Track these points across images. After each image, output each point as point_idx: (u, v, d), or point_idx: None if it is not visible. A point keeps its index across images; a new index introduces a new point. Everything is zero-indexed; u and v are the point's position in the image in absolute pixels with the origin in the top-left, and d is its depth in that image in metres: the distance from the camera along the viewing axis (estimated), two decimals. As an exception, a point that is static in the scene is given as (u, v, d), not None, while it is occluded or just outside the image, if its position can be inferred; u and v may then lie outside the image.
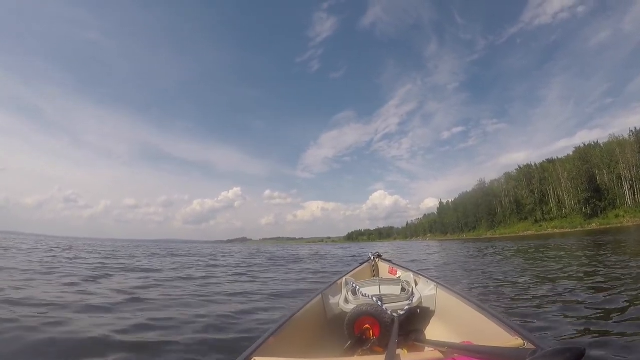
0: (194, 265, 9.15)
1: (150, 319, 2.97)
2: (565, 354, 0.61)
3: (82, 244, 25.14)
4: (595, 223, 53.36)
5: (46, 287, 4.39)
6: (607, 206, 55.77)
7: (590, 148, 61.48)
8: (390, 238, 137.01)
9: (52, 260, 8.57)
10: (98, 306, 3.38)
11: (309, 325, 1.80)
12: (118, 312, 3.21)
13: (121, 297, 3.91)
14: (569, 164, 62.26)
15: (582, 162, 58.60)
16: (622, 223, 48.22)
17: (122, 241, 76.99)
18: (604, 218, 53.99)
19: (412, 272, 2.50)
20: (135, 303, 3.64)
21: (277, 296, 4.33)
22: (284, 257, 13.67)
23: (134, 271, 7.07)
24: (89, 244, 29.05)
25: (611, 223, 49.87)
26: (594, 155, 59.18)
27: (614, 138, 57.91)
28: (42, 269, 6.48)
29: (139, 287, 4.84)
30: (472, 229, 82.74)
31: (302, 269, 8.26)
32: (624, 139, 56.29)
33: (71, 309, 3.20)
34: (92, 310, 3.24)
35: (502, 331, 1.30)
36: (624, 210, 52.68)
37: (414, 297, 1.97)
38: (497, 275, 5.74)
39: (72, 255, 10.97)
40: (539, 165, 72.99)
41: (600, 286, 4.00)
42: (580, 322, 2.60)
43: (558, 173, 64.08)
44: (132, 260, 10.10)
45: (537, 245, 15.13)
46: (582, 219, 57.06)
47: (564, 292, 3.83)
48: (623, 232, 23.44)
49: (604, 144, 60.23)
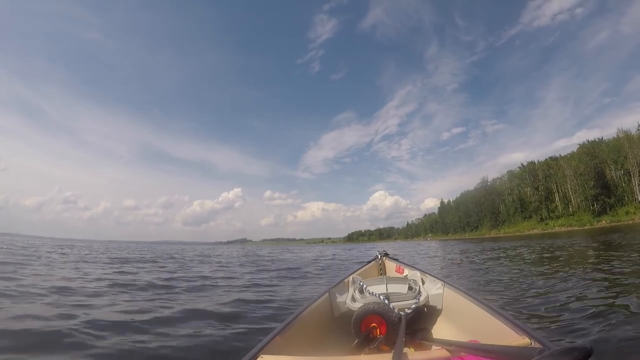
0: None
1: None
2: (572, 353, 0.61)
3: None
4: (604, 220, 51.62)
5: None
6: (615, 203, 53.90)
7: (596, 144, 59.75)
8: (390, 238, 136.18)
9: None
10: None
11: (316, 323, 1.80)
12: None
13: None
14: (574, 160, 60.67)
15: (590, 157, 56.85)
16: (633, 220, 46.39)
17: (117, 243, 75.22)
18: (613, 215, 52.25)
19: (419, 270, 2.53)
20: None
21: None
22: (270, 267, 9.48)
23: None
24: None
25: (622, 220, 48.14)
26: (601, 151, 57.60)
27: (622, 133, 55.90)
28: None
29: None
30: (475, 229, 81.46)
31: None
32: (631, 134, 54.63)
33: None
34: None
35: (509, 330, 1.30)
36: (634, 206, 50.81)
37: (421, 295, 1.96)
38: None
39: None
40: (541, 162, 71.55)
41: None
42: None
43: (563, 170, 62.35)
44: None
45: (558, 246, 13.62)
46: (590, 216, 55.32)
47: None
48: (636, 230, 22.33)
49: (611, 140, 58.73)
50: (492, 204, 77.39)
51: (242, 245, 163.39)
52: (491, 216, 76.73)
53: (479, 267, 7.57)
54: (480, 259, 9.83)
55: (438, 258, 12.38)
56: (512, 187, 75.12)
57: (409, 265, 2.76)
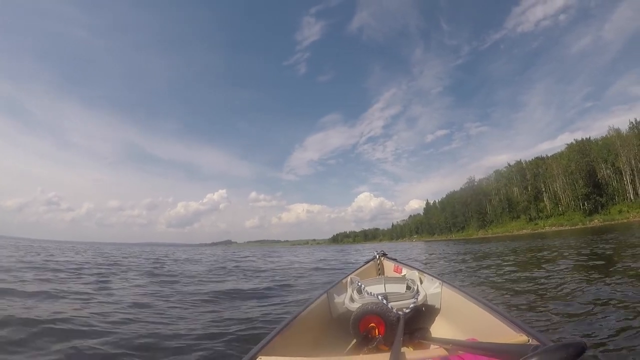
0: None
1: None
2: (567, 349, 0.64)
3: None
4: (597, 219, 50.23)
5: None
6: (607, 201, 52.31)
7: (587, 142, 58.43)
8: (375, 240, 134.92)
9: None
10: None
11: (315, 324, 1.79)
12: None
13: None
14: (564, 159, 59.29)
15: (581, 155, 55.19)
16: (628, 219, 44.76)
17: (99, 244, 68.60)
18: (605, 214, 51.00)
19: (417, 270, 2.50)
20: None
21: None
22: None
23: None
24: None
25: (615, 219, 46.67)
26: (592, 149, 56.52)
27: (614, 131, 54.54)
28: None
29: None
30: (461, 229, 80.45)
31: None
32: (620, 133, 53.56)
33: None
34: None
35: (506, 328, 1.31)
36: (627, 205, 49.33)
37: (419, 295, 1.96)
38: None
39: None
40: (528, 162, 70.67)
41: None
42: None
43: (552, 169, 60.74)
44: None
45: (549, 246, 12.13)
46: (581, 215, 53.99)
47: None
48: (631, 229, 21.10)
49: (601, 138, 58.12)
50: (479, 204, 76.52)
51: (226, 247, 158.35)
52: (478, 216, 75.78)
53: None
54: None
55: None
56: (499, 187, 74.53)
57: (407, 265, 2.78)
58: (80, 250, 18.79)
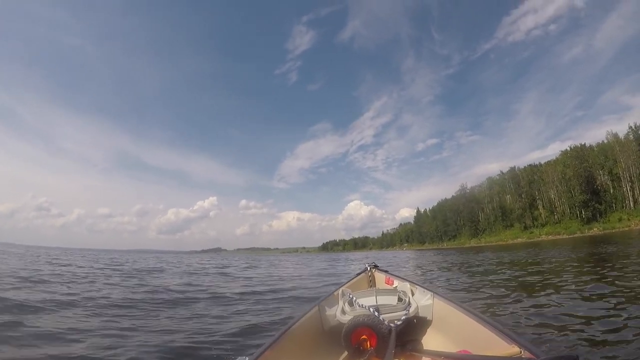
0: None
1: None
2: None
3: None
4: (596, 228, 47.66)
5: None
6: (606, 209, 49.56)
7: (583, 148, 56.15)
8: (365, 248, 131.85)
9: None
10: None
11: (306, 337, 1.80)
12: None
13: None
14: (559, 165, 56.79)
15: (579, 161, 52.78)
16: (629, 227, 42.10)
17: (89, 251, 64.35)
18: (605, 222, 48.40)
19: (408, 282, 2.50)
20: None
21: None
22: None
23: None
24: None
25: (615, 227, 44.29)
26: (590, 155, 54.41)
27: (612, 136, 52.43)
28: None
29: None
30: (453, 238, 77.82)
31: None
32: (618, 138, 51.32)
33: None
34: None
35: (499, 339, 1.30)
36: (626, 213, 46.65)
37: (411, 307, 1.94)
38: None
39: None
40: (522, 169, 68.62)
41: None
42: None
43: (547, 175, 58.12)
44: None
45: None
46: (579, 223, 51.42)
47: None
48: (634, 238, 19.89)
49: (597, 144, 55.95)
50: (471, 212, 74.08)
51: (216, 254, 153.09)
52: (470, 225, 73.39)
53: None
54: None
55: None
56: (492, 194, 71.93)
57: (399, 277, 2.75)
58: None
